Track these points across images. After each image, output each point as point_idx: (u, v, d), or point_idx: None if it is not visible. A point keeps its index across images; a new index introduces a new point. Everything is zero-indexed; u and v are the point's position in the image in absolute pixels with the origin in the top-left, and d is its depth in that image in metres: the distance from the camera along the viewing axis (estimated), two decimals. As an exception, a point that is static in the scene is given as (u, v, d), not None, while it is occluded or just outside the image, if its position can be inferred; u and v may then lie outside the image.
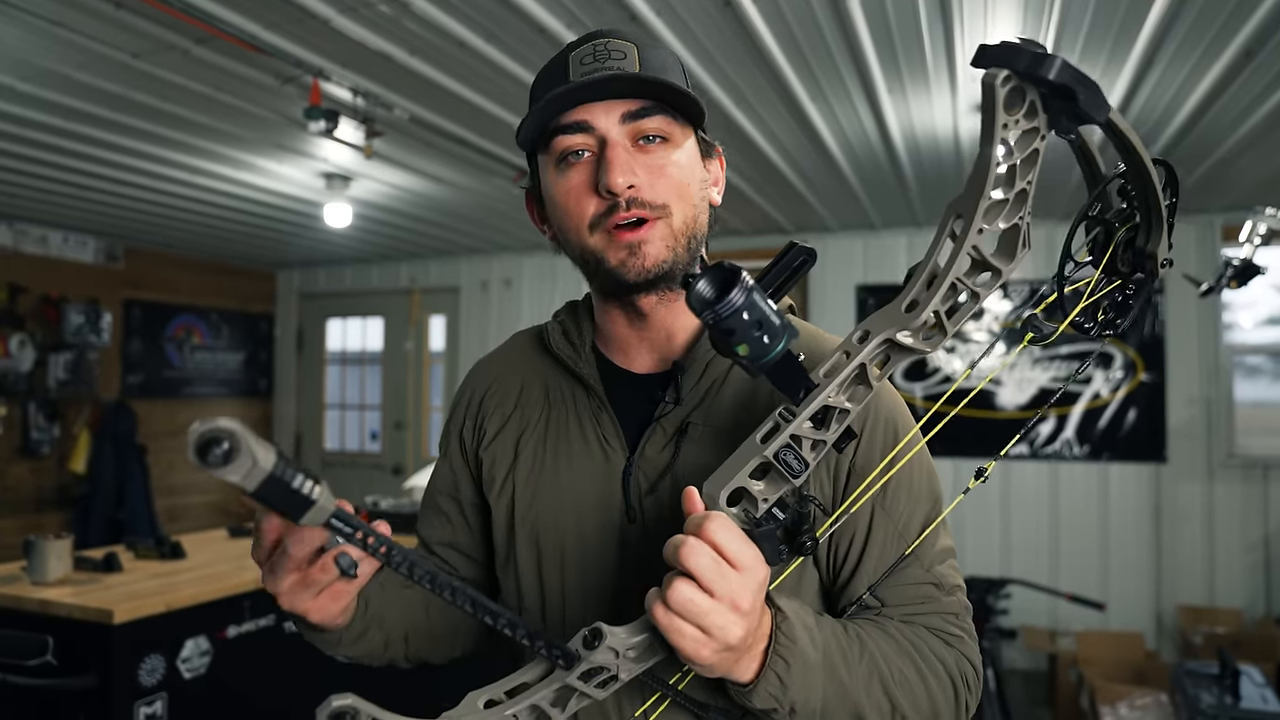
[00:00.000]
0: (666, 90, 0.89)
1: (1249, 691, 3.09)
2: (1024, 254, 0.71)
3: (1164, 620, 4.86)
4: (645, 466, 0.94)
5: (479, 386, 1.10)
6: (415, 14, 2.47)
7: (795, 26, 2.56)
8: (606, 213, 0.89)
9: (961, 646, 0.90)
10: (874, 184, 4.36)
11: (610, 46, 0.91)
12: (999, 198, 0.68)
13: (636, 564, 0.92)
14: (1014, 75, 0.64)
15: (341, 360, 7.12)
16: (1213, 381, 4.83)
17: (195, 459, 0.47)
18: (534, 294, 6.31)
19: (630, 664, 0.74)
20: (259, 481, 0.49)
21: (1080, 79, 0.62)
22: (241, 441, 0.47)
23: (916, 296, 0.72)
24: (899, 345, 0.73)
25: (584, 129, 0.89)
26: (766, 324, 0.67)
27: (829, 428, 0.74)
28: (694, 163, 0.94)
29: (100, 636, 2.26)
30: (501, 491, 1.02)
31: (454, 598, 0.65)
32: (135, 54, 2.75)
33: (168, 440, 6.17)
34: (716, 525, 0.71)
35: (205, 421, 0.47)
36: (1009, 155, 0.67)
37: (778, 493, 0.76)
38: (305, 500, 0.52)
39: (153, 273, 6.13)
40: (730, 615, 0.70)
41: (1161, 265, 0.79)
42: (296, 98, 3.13)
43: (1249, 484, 4.77)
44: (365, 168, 4.10)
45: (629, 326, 0.99)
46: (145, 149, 3.75)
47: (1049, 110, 0.66)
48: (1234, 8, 2.42)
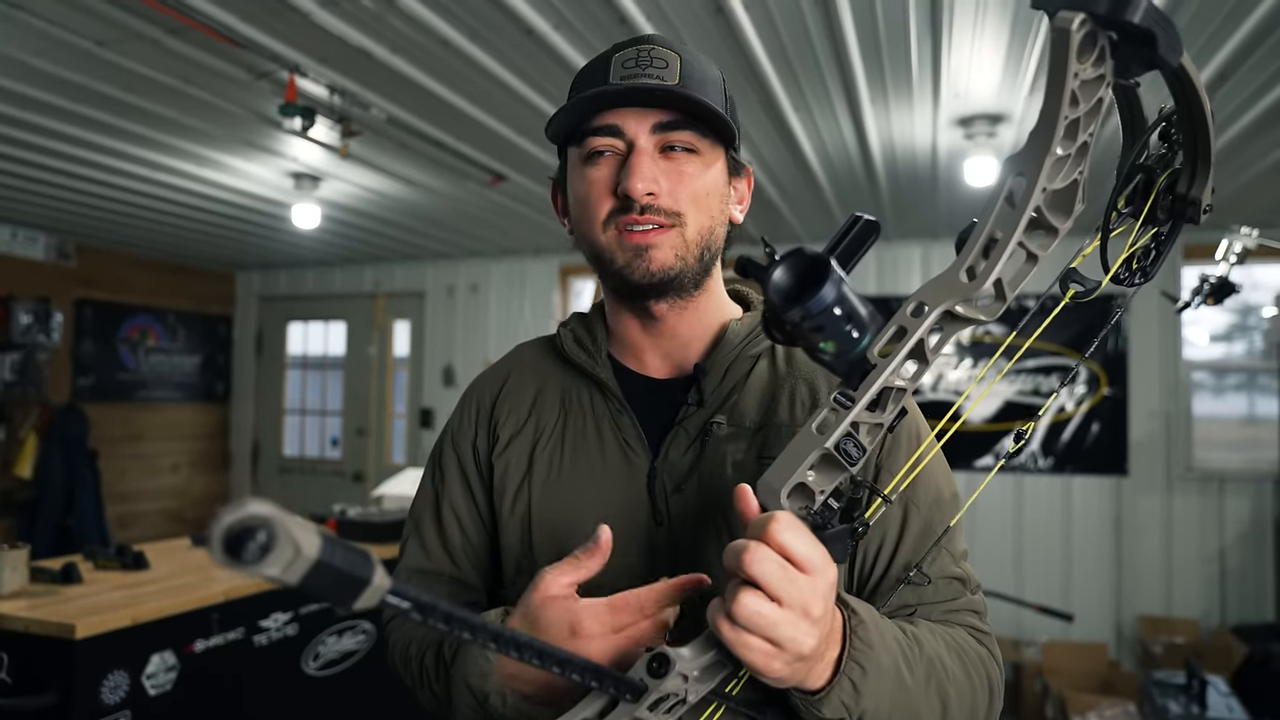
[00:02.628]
0: (700, 106, 0.89)
1: (1215, 701, 3.13)
2: (1080, 210, 0.66)
3: (1124, 630, 4.94)
4: (669, 469, 0.93)
5: (487, 394, 1.07)
6: (400, 10, 2.41)
7: (785, 34, 2.55)
8: (620, 212, 0.90)
9: (989, 644, 0.90)
10: (848, 195, 4.38)
11: (654, 54, 0.92)
12: (1061, 153, 0.64)
13: (666, 567, 0.90)
14: (1091, 19, 0.58)
15: (302, 365, 6.97)
16: (1172, 396, 4.93)
17: (224, 557, 0.38)
18: (501, 300, 6.24)
19: (697, 685, 0.70)
20: (304, 571, 0.41)
21: (1162, 20, 0.57)
22: (279, 529, 0.40)
23: (973, 263, 0.67)
24: (956, 316, 0.68)
25: (614, 132, 0.91)
26: (856, 316, 0.63)
27: (885, 409, 0.69)
28: (718, 178, 0.95)
29: (60, 652, 2.15)
30: (516, 501, 0.99)
31: (520, 654, 0.59)
32: (100, 42, 2.64)
33: (120, 445, 5.98)
34: (782, 526, 0.66)
35: (232, 509, 0.39)
36: (1074, 106, 0.62)
37: (833, 483, 0.71)
38: (358, 582, 0.45)
39: (107, 271, 5.94)
40: (802, 624, 0.66)
41: (1204, 210, 0.76)
42: (269, 94, 3.04)
43: (1205, 496, 4.88)
44: (335, 168, 4.01)
45: (643, 331, 0.99)
46: (104, 142, 3.62)
47: (1117, 56, 0.61)
48: (1211, 33, 2.47)
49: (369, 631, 3.13)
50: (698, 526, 0.91)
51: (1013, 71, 2.78)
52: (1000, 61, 2.71)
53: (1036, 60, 2.68)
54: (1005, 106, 3.09)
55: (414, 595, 0.49)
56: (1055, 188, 0.65)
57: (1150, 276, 0.79)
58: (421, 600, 0.50)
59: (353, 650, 3.07)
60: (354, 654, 3.07)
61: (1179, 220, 0.77)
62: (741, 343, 0.97)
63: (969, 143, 3.39)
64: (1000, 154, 3.56)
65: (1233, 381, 5.41)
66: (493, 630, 0.56)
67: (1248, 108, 3.01)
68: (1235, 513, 4.83)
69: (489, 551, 1.06)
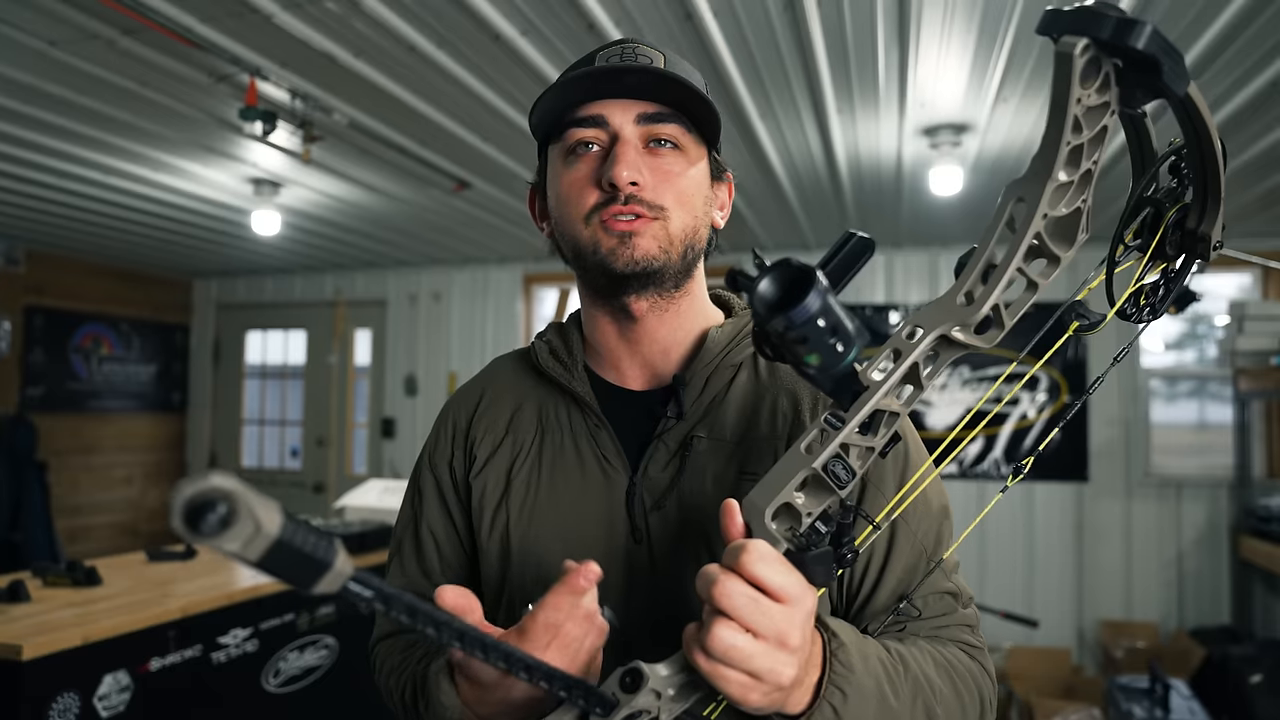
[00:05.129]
0: (685, 94, 0.88)
1: (1178, 704, 3.17)
2: (1083, 239, 0.66)
3: (1086, 635, 5.00)
4: (649, 485, 0.91)
5: (463, 412, 1.05)
6: (364, 13, 2.37)
7: (753, 42, 2.55)
8: (604, 204, 0.88)
9: (981, 658, 0.88)
10: (812, 203, 4.40)
11: (639, 51, 0.91)
12: (1064, 180, 0.63)
13: (645, 586, 0.89)
14: (1095, 44, 0.58)
15: (261, 374, 6.83)
16: (1131, 404, 5.01)
17: (183, 527, 0.38)
18: (464, 309, 6.17)
19: (671, 704, 0.68)
20: (263, 549, 0.40)
21: (1167, 48, 0.57)
22: (240, 503, 0.39)
23: (971, 289, 0.67)
24: (952, 341, 0.68)
25: (598, 123, 0.89)
26: (841, 330, 0.61)
27: (877, 433, 0.69)
28: (702, 177, 0.93)
29: (6, 675, 2.06)
30: (494, 522, 0.97)
31: (486, 654, 0.58)
32: (52, 42, 2.56)
33: (71, 457, 5.81)
34: (753, 557, 0.65)
35: (194, 480, 0.38)
36: (1077, 133, 0.61)
37: (821, 505, 0.70)
38: (319, 565, 0.44)
39: (58, 278, 5.77)
40: (779, 655, 0.65)
41: (1214, 248, 0.75)
42: (229, 97, 2.98)
43: (1163, 502, 4.97)
44: (296, 174, 3.93)
45: (620, 338, 0.96)
46: (56, 145, 3.51)
47: (1123, 82, 0.61)
48: (1177, 37, 2.50)
49: (331, 646, 3.06)
50: (678, 544, 0.89)
51: (978, 81, 2.81)
52: (966, 72, 2.73)
53: (1002, 70, 2.70)
54: (970, 116, 3.12)
55: (377, 584, 0.48)
56: (1057, 215, 0.64)
57: (1159, 314, 0.78)
58: (385, 590, 0.49)
59: (315, 666, 2.99)
60: (316, 669, 3.00)
61: (1189, 257, 0.76)
62: (722, 351, 0.94)
63: (934, 152, 3.42)
64: (965, 163, 3.59)
65: (1184, 388, 5.52)
66: (457, 627, 0.55)
67: (1216, 109, 3.05)
68: (1192, 517, 4.92)
69: (469, 572, 1.03)
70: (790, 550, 0.69)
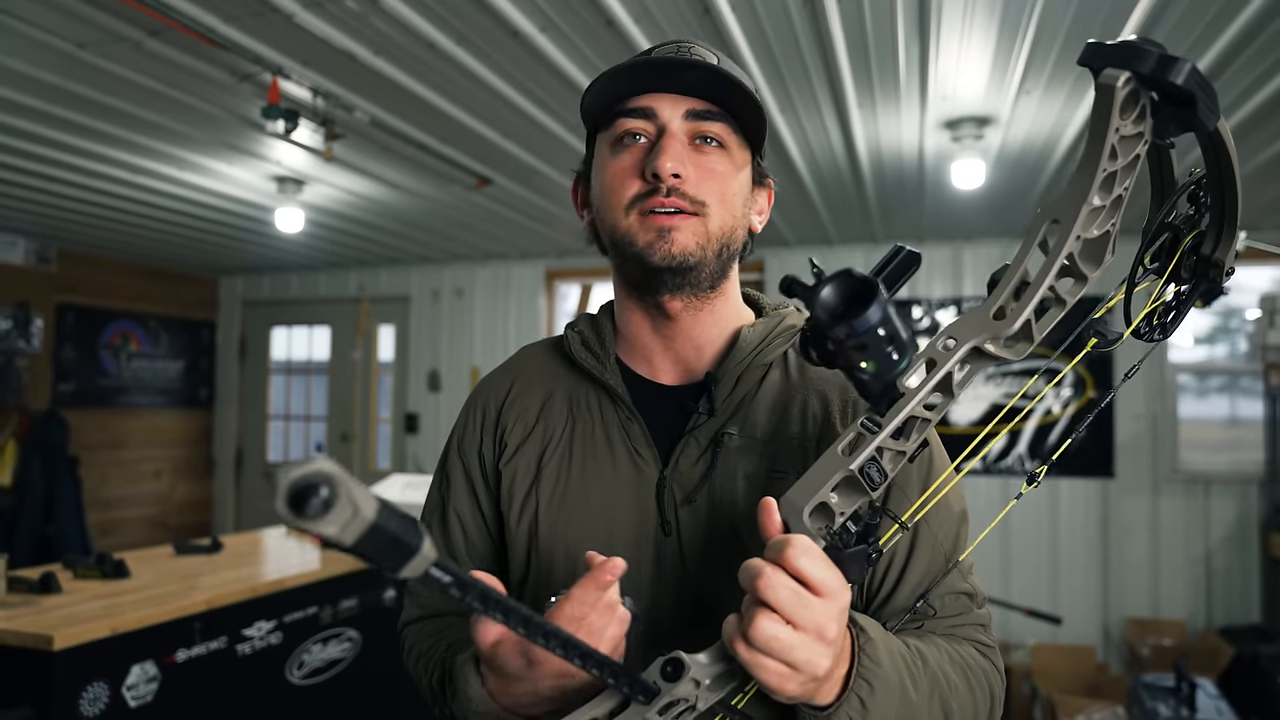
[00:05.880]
0: (736, 93, 0.89)
1: (1204, 704, 3.13)
2: (1109, 261, 0.69)
3: (1111, 632, 4.95)
4: (679, 479, 0.92)
5: (493, 400, 1.05)
6: (384, 11, 2.39)
7: (772, 36, 2.55)
8: (646, 195, 0.89)
9: (993, 656, 0.91)
10: (834, 198, 4.38)
11: (694, 50, 0.92)
12: (1098, 204, 0.66)
13: (673, 578, 0.90)
14: (1136, 78, 0.60)
15: (286, 370, 6.91)
16: (1158, 399, 4.95)
17: (287, 510, 0.39)
18: (486, 304, 6.20)
19: (708, 693, 0.72)
20: (360, 533, 0.42)
21: (1203, 84, 0.59)
22: (341, 487, 0.41)
23: (1004, 304, 0.70)
24: (984, 354, 0.71)
25: (647, 115, 0.90)
26: (898, 339, 0.64)
27: (909, 438, 0.72)
28: (744, 179, 0.94)
29: (38, 664, 2.11)
30: (524, 509, 0.98)
31: (547, 640, 0.62)
32: (81, 44, 2.61)
33: (101, 452, 5.91)
34: (798, 551, 0.68)
35: (299, 464, 0.40)
36: (1113, 160, 0.64)
37: (853, 506, 0.73)
38: (408, 549, 0.46)
39: (88, 276, 5.87)
40: (816, 647, 0.67)
41: (1226, 274, 0.78)
42: (252, 96, 3.01)
43: (1191, 498, 4.90)
44: (319, 172, 3.97)
45: (654, 333, 0.97)
46: (84, 145, 3.57)
47: (1156, 115, 0.64)
48: (1197, 36, 2.47)
49: (354, 639, 3.10)
50: (707, 538, 0.90)
51: (1000, 74, 2.78)
52: (988, 64, 2.70)
53: (1024, 63, 2.68)
54: (993, 109, 3.09)
55: (455, 570, 0.52)
56: (1089, 237, 0.68)
57: (1169, 334, 0.82)
58: (462, 577, 0.52)
59: (338, 659, 3.03)
60: (339, 662, 3.03)
61: (1201, 281, 0.80)
62: (754, 350, 0.95)
63: (956, 145, 3.39)
64: (987, 156, 3.56)
65: (1216, 384, 5.44)
66: (524, 614, 0.59)
67: (1234, 110, 3.02)
68: (1221, 514, 4.85)
69: (494, 557, 1.05)
70: (828, 547, 0.72)
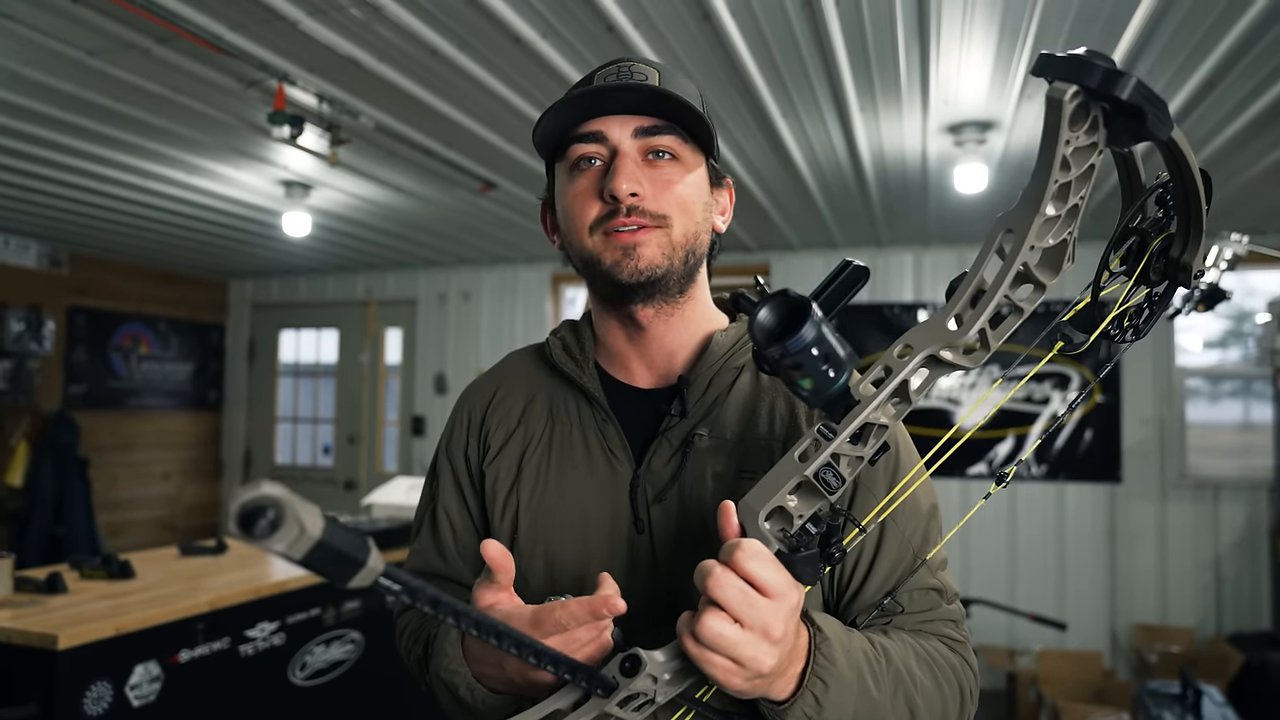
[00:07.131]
0: (679, 108, 0.92)
1: (1210, 711, 3.12)
2: (1068, 268, 0.70)
3: (1119, 639, 4.93)
4: (651, 478, 0.96)
5: (479, 403, 1.10)
6: (387, 18, 2.41)
7: (772, 41, 2.56)
8: (607, 216, 0.92)
9: (964, 651, 0.93)
10: (838, 202, 4.39)
11: (634, 69, 0.95)
12: (1051, 214, 0.67)
13: (645, 574, 0.94)
14: (1083, 91, 0.62)
15: (294, 372, 6.95)
16: (1166, 403, 4.93)
17: (238, 530, 0.44)
18: (493, 308, 6.23)
19: (666, 687, 0.75)
20: (306, 549, 0.46)
21: (1151, 98, 0.60)
22: (287, 509, 0.44)
23: (960, 312, 0.71)
24: (940, 361, 0.72)
25: (598, 139, 0.93)
26: (833, 357, 0.66)
27: (867, 443, 0.73)
28: (700, 184, 0.97)
29: (43, 663, 2.13)
30: (505, 508, 1.02)
31: (500, 641, 0.64)
32: (91, 51, 2.64)
33: (111, 453, 5.95)
34: (747, 554, 0.71)
35: (248, 488, 0.44)
36: (1065, 171, 0.65)
37: (812, 509, 0.75)
38: (354, 563, 0.50)
39: (99, 279, 5.92)
40: (762, 645, 0.70)
41: (1195, 276, 0.79)
42: (259, 102, 3.04)
43: (1200, 504, 4.87)
44: (325, 176, 4.00)
45: (628, 341, 1.01)
46: (95, 151, 3.61)
47: (1110, 126, 0.64)
48: (1198, 41, 2.47)
49: (356, 641, 3.11)
50: (677, 535, 0.94)
51: (1001, 78, 2.78)
52: (989, 68, 2.71)
53: (1025, 67, 2.68)
54: (995, 113, 3.09)
55: (404, 579, 0.54)
56: (1045, 245, 0.68)
57: (1143, 334, 0.83)
58: (411, 584, 0.55)
59: (341, 660, 3.05)
60: (342, 663, 3.05)
61: (1172, 283, 0.81)
62: (725, 354, 0.99)
63: (959, 149, 3.39)
64: (990, 160, 3.56)
65: (1228, 388, 5.41)
66: (475, 617, 0.61)
67: (1236, 115, 3.01)
68: (1230, 520, 4.82)
69: None
70: (781, 550, 0.74)
